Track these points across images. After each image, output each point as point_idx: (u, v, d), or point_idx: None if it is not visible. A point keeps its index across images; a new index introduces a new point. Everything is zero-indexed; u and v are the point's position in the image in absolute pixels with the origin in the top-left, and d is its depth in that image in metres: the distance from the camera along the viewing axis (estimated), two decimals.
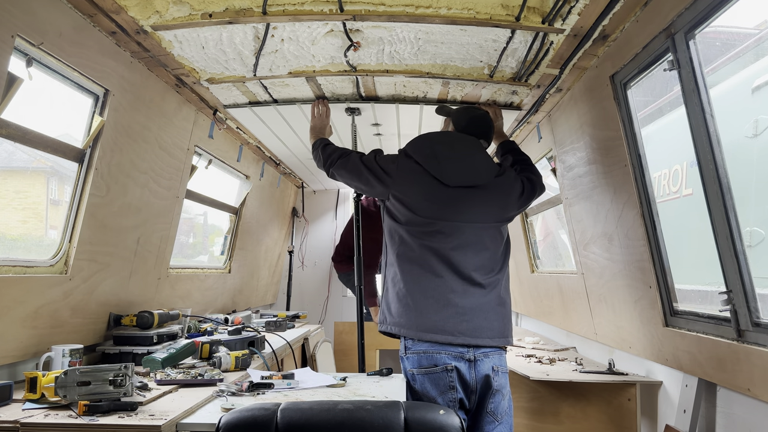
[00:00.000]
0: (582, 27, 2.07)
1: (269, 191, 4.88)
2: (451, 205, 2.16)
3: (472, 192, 2.19)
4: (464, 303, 2.08)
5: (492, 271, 2.17)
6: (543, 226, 4.75)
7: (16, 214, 2.94)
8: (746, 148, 2.67)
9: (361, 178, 2.31)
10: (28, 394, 1.74)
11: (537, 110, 3.00)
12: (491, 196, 2.22)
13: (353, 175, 2.34)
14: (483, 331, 2.08)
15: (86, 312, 2.42)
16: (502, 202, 2.25)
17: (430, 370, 2.05)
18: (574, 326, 3.59)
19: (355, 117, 3.18)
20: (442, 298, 2.08)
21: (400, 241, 2.18)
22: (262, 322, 3.81)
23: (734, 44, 2.96)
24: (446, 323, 2.05)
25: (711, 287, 2.33)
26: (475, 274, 2.12)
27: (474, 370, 2.06)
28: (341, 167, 2.38)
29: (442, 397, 2.04)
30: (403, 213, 2.19)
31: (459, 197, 2.17)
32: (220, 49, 2.35)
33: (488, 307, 2.12)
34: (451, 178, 2.18)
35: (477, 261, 2.14)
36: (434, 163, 2.19)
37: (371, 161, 2.30)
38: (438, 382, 2.04)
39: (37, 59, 1.94)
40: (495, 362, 2.10)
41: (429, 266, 2.11)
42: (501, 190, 2.26)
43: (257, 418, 1.39)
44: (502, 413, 2.12)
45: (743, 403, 2.01)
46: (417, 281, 2.11)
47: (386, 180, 2.24)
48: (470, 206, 2.17)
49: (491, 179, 2.24)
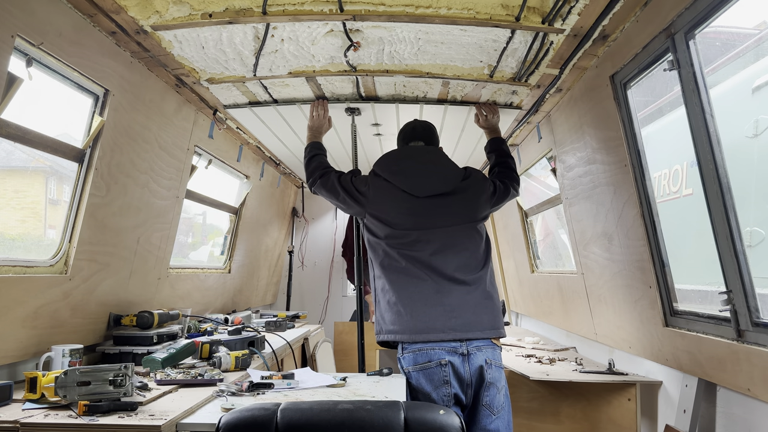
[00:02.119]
0: (582, 27, 2.07)
1: (269, 191, 4.88)
2: (425, 214, 2.29)
3: (441, 199, 2.32)
4: (451, 301, 2.17)
5: (475, 268, 2.26)
6: (543, 226, 4.75)
7: (14, 213, 2.94)
8: (746, 148, 2.67)
9: (339, 198, 2.45)
10: (28, 394, 1.74)
11: (537, 110, 3.00)
12: (460, 200, 2.35)
13: (332, 195, 2.49)
14: (473, 325, 2.16)
15: (86, 312, 2.42)
16: (472, 203, 2.37)
17: (425, 365, 2.12)
18: (574, 326, 3.59)
19: (355, 117, 3.18)
20: (429, 299, 2.18)
21: (383, 254, 2.29)
22: (262, 322, 3.81)
23: (734, 44, 2.96)
24: (436, 322, 2.14)
25: (711, 287, 2.33)
26: (457, 273, 2.22)
27: (468, 364, 2.13)
28: (321, 186, 2.52)
29: (437, 392, 2.10)
30: (381, 228, 2.32)
31: (430, 206, 2.30)
32: (220, 49, 2.35)
33: (475, 302, 2.20)
34: (419, 189, 2.31)
35: (457, 261, 2.24)
36: (402, 178, 2.34)
37: (348, 182, 2.44)
38: (432, 377, 2.11)
39: (37, 59, 1.94)
40: (488, 356, 2.16)
41: (413, 273, 2.22)
42: (469, 193, 2.38)
43: (257, 418, 1.39)
44: (499, 407, 2.16)
45: (743, 403, 2.01)
46: (404, 288, 2.21)
47: (362, 200, 2.38)
48: (442, 212, 2.30)
49: (458, 184, 2.36)
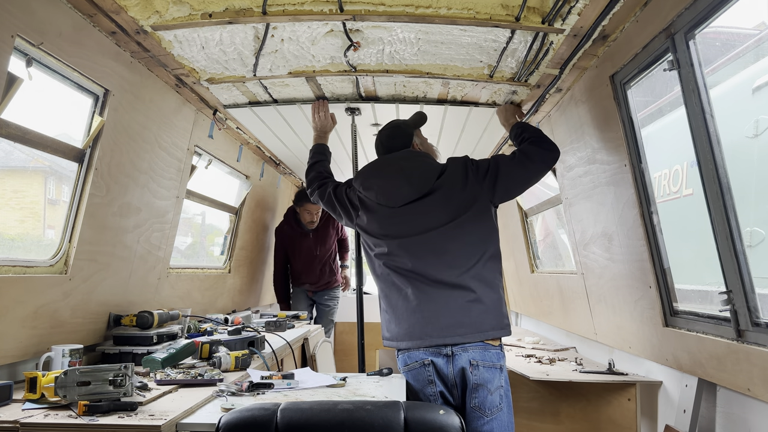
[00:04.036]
0: (582, 27, 2.07)
1: (269, 191, 4.88)
2: (402, 223, 2.28)
3: (417, 204, 2.28)
4: (429, 308, 2.17)
5: (460, 268, 2.17)
6: (543, 226, 4.75)
7: (13, 213, 2.94)
8: (747, 149, 2.67)
9: (334, 210, 2.52)
10: (28, 394, 1.74)
11: (537, 110, 3.00)
12: (437, 201, 2.26)
13: (327, 205, 2.56)
14: (451, 329, 2.13)
15: (86, 312, 2.42)
16: (451, 199, 2.25)
17: (411, 366, 2.18)
18: (574, 326, 3.59)
19: (355, 117, 3.18)
20: (409, 307, 2.21)
21: (375, 265, 2.35)
22: (262, 322, 3.80)
23: (734, 45, 2.96)
24: (414, 329, 2.18)
25: (711, 287, 2.33)
26: (441, 276, 2.18)
27: (452, 365, 2.14)
28: (319, 197, 2.61)
29: (423, 391, 2.16)
30: (368, 240, 2.37)
31: (408, 213, 2.28)
32: (220, 49, 2.35)
33: (456, 306, 2.15)
34: (392, 200, 2.30)
35: (441, 264, 2.19)
36: (373, 193, 2.34)
37: (342, 195, 2.48)
38: (418, 377, 2.17)
39: (37, 59, 1.94)
40: (474, 356, 2.11)
41: (397, 282, 2.25)
42: (445, 188, 2.27)
43: (257, 418, 1.39)
44: (491, 408, 2.10)
45: (743, 403, 2.01)
46: (390, 297, 2.27)
47: (352, 214, 2.43)
48: (420, 218, 2.26)
49: (432, 185, 2.28)
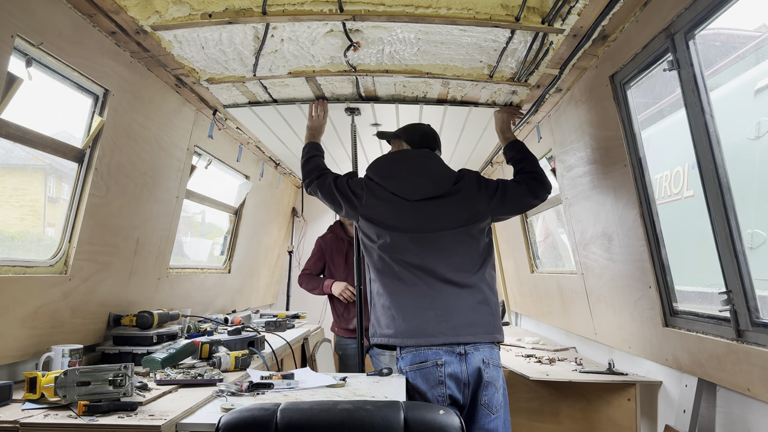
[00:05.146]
0: (582, 27, 2.07)
1: (269, 191, 4.88)
2: (416, 217, 2.28)
3: (433, 202, 2.31)
4: (442, 305, 2.17)
5: (468, 272, 2.23)
6: (543, 226, 4.74)
7: (13, 211, 2.94)
8: (748, 150, 2.67)
9: (334, 201, 2.46)
10: (28, 394, 1.74)
11: (537, 110, 3.00)
12: (453, 203, 2.32)
13: (327, 197, 2.50)
14: (464, 328, 2.15)
15: (86, 312, 2.42)
16: (464, 206, 2.33)
17: (421, 365, 2.13)
18: (574, 326, 3.59)
19: (355, 117, 3.18)
20: (420, 303, 2.19)
21: (377, 258, 2.30)
22: (262, 322, 3.81)
23: (734, 46, 2.95)
24: (427, 326, 2.15)
25: (712, 289, 2.33)
26: (450, 276, 2.21)
27: (465, 364, 2.12)
28: (317, 188, 2.54)
29: (432, 392, 2.11)
30: (374, 232, 2.32)
31: (422, 209, 2.29)
32: (220, 49, 2.35)
33: (467, 306, 2.19)
34: (411, 193, 2.31)
35: (449, 265, 2.22)
36: (394, 182, 2.34)
37: (344, 185, 2.45)
38: (428, 377, 2.12)
39: (37, 59, 1.94)
40: (486, 355, 2.16)
41: (405, 277, 2.22)
42: (461, 195, 2.34)
43: (257, 418, 1.39)
44: (497, 406, 2.16)
45: (743, 403, 2.01)
46: (397, 293, 2.22)
47: (355, 203, 2.38)
48: (434, 215, 2.29)
49: (450, 187, 2.34)
